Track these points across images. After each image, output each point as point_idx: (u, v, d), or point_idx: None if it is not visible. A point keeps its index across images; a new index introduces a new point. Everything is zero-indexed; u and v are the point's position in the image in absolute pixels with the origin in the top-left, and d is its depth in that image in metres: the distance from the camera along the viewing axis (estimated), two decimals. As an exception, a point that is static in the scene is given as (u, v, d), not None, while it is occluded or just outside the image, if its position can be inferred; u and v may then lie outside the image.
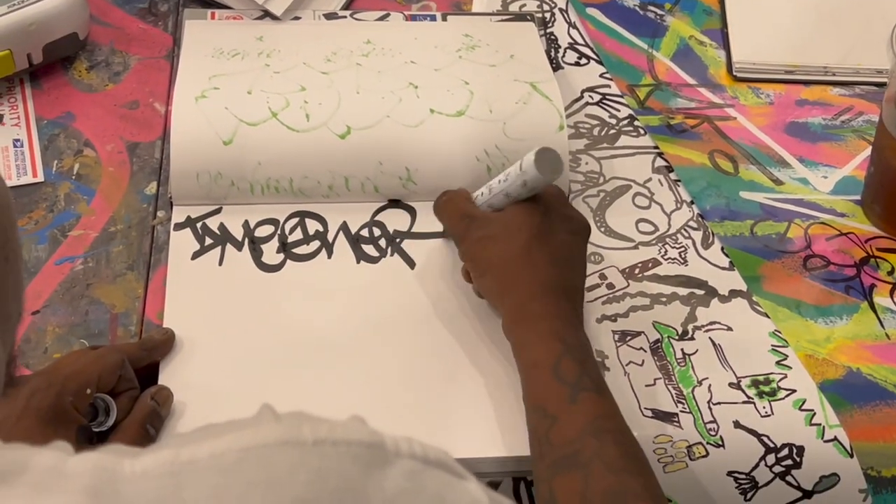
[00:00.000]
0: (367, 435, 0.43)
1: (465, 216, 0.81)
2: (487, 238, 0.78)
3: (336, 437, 0.42)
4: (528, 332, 0.75)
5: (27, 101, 0.97)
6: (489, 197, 0.81)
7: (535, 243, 0.77)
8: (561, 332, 0.74)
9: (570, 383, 0.71)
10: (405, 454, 0.43)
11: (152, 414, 0.75)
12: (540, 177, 0.76)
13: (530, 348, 0.74)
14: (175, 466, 0.41)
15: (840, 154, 0.99)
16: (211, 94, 0.90)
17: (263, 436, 0.41)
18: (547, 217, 0.78)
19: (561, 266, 0.78)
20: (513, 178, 0.78)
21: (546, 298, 0.76)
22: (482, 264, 0.79)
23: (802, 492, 0.80)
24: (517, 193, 0.78)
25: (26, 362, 0.81)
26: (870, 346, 0.86)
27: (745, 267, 0.90)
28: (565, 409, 0.70)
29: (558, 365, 0.72)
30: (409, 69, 0.95)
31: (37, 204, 0.90)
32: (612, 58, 1.05)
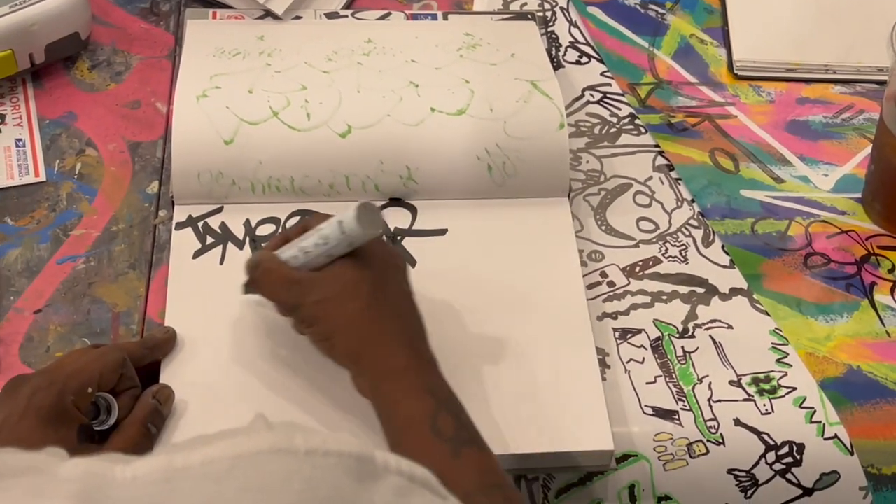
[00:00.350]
0: (358, 448, 0.43)
1: (293, 282, 0.74)
2: (326, 300, 0.73)
3: (328, 448, 0.42)
4: (395, 389, 0.71)
5: (29, 101, 0.97)
6: (307, 260, 0.74)
7: (376, 295, 0.73)
8: (431, 385, 0.70)
9: (450, 439, 0.68)
10: (393, 470, 0.43)
11: (154, 413, 0.75)
12: (365, 235, 0.72)
13: (401, 405, 0.70)
14: (168, 473, 0.41)
15: (841, 152, 0.99)
16: (212, 93, 0.91)
17: (256, 444, 0.42)
18: (376, 265, 0.74)
19: (406, 314, 0.74)
20: (335, 241, 0.73)
21: (404, 350, 0.72)
22: (326, 328, 0.73)
23: (803, 489, 0.80)
24: (341, 253, 0.74)
25: (28, 361, 0.81)
26: (870, 344, 0.86)
27: (745, 265, 0.90)
28: (449, 466, 0.66)
29: (435, 421, 0.68)
30: (409, 68, 0.95)
31: (39, 203, 0.91)
32: (613, 56, 1.06)
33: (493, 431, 0.77)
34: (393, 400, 0.71)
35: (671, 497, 0.79)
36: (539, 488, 0.79)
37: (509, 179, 0.90)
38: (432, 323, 0.82)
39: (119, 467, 0.41)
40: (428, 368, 0.72)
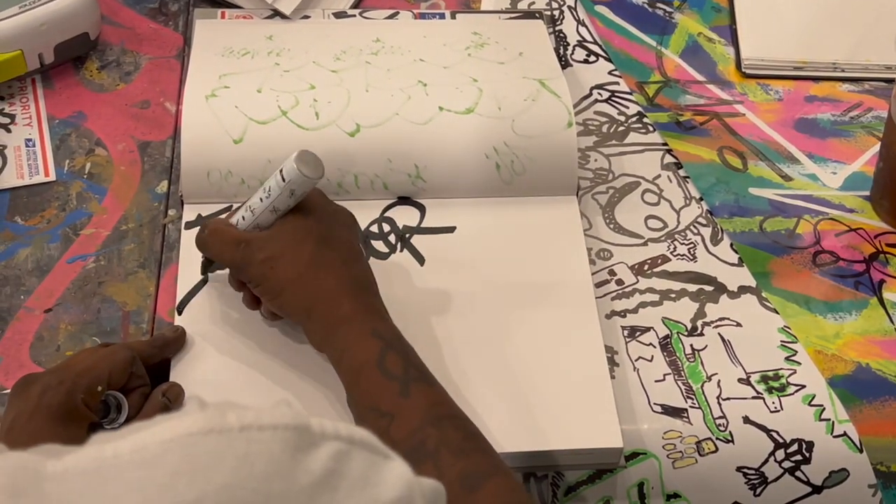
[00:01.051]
0: (293, 418, 0.42)
1: (239, 242, 0.76)
2: (272, 258, 0.75)
3: (262, 423, 0.42)
4: (345, 336, 0.73)
5: (39, 101, 0.98)
6: (254, 218, 0.77)
7: (321, 248, 0.75)
8: (378, 328, 0.73)
9: (398, 377, 0.71)
10: (331, 435, 0.43)
11: (163, 411, 0.75)
12: (307, 179, 0.74)
13: (351, 351, 0.73)
14: (98, 462, 0.40)
15: (849, 150, 0.99)
16: (221, 92, 0.91)
17: (187, 426, 0.41)
18: (321, 219, 0.77)
19: (351, 263, 0.77)
20: (277, 191, 0.75)
21: (351, 299, 0.74)
22: (276, 284, 0.76)
23: (812, 487, 0.80)
24: (285, 205, 0.75)
25: (39, 360, 0.81)
26: (879, 342, 0.86)
27: (754, 263, 0.90)
28: (399, 404, 0.70)
29: (383, 361, 0.71)
30: (418, 67, 0.96)
31: (49, 203, 0.91)
32: (621, 55, 1.06)
33: (502, 429, 0.77)
34: (342, 347, 0.74)
35: (680, 495, 0.80)
36: (548, 486, 0.79)
37: (517, 178, 0.90)
38: (441, 319, 0.83)
39: (51, 461, 0.41)
40: (374, 314, 0.74)
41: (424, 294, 0.85)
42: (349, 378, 0.73)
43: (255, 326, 0.82)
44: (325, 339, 0.75)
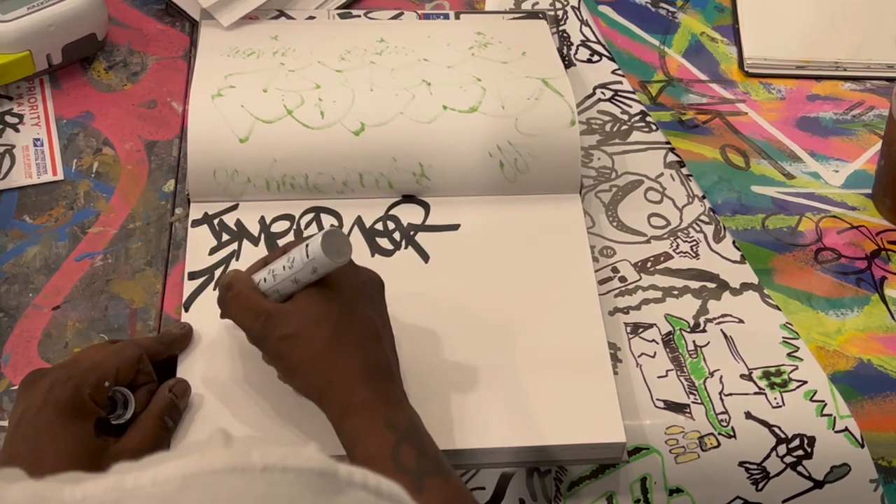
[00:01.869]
0: (320, 463, 0.42)
1: (260, 313, 0.74)
2: (290, 336, 0.73)
3: (286, 464, 0.41)
4: (357, 426, 0.71)
5: (47, 101, 0.99)
6: (276, 283, 0.75)
7: (340, 331, 0.73)
8: (391, 418, 0.70)
9: (412, 471, 0.68)
10: (358, 484, 0.42)
11: (170, 406, 0.76)
12: (329, 262, 0.72)
13: (363, 442, 0.70)
14: (117, 493, 0.40)
15: (851, 148, 0.99)
16: (227, 92, 0.92)
17: (210, 462, 0.41)
18: (344, 298, 0.74)
19: (370, 345, 0.74)
20: (300, 265, 0.73)
21: (365, 386, 0.71)
22: (290, 364, 0.74)
23: (813, 482, 0.80)
24: (307, 279, 0.73)
25: (47, 357, 0.82)
26: (881, 338, 0.86)
27: (756, 260, 0.90)
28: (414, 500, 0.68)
29: (396, 454, 0.68)
30: (422, 67, 0.96)
31: (57, 202, 0.92)
32: (624, 55, 1.06)
33: (506, 424, 0.78)
34: (355, 437, 0.71)
35: (683, 489, 0.80)
36: (551, 481, 0.80)
37: (521, 176, 0.91)
38: (446, 315, 0.84)
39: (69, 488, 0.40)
40: (388, 402, 0.72)
41: (429, 291, 0.85)
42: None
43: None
44: (337, 425, 0.72)
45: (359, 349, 0.73)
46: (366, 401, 0.71)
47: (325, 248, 0.71)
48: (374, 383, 0.72)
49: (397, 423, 0.70)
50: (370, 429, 0.70)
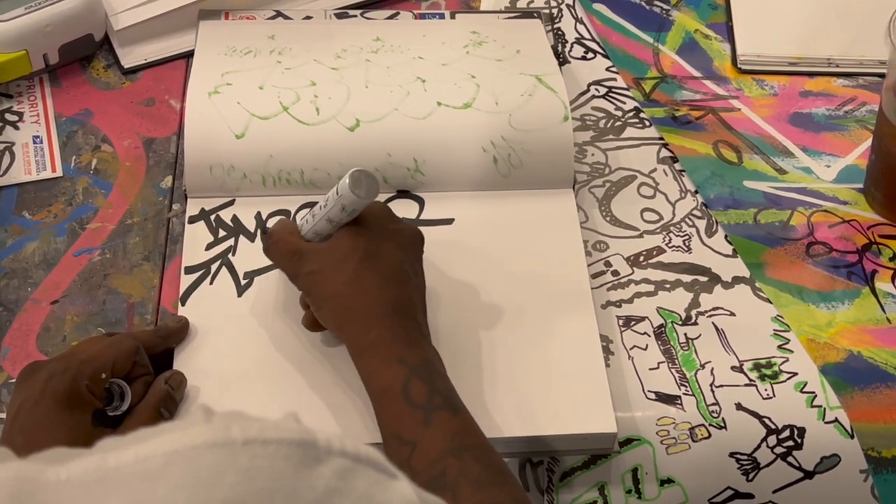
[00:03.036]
0: (299, 433, 0.42)
1: (294, 253, 0.78)
2: (317, 272, 0.77)
3: (266, 437, 0.41)
4: (372, 360, 0.74)
5: (46, 99, 1.00)
6: (314, 224, 0.79)
7: (363, 267, 0.75)
8: (403, 354, 0.73)
9: (421, 405, 0.70)
10: (336, 452, 0.42)
11: (166, 398, 0.77)
12: (356, 199, 0.75)
13: (376, 376, 0.73)
14: (100, 473, 0.40)
15: (843, 143, 1.00)
16: (224, 89, 0.93)
17: (190, 438, 0.41)
18: (372, 237, 0.77)
19: (394, 285, 0.76)
20: (332, 204, 0.77)
21: (383, 323, 0.74)
22: (317, 298, 0.77)
23: (804, 472, 0.81)
24: (339, 218, 0.77)
25: (45, 350, 0.83)
26: (871, 330, 0.87)
27: (748, 254, 0.91)
28: (421, 433, 0.70)
29: (407, 388, 0.71)
30: (417, 64, 0.97)
31: (56, 198, 0.93)
32: (619, 52, 1.07)
33: (499, 415, 0.79)
34: (369, 371, 0.74)
35: (674, 480, 0.81)
36: (544, 472, 0.81)
37: (515, 171, 0.92)
38: (440, 308, 0.84)
39: (52, 469, 0.40)
40: (402, 339, 0.74)
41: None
42: (374, 403, 0.73)
43: (256, 317, 0.84)
44: (354, 360, 0.75)
45: (380, 287, 0.75)
46: (380, 337, 0.74)
47: (353, 185, 0.75)
48: (392, 321, 0.75)
49: (409, 359, 0.73)
50: (383, 364, 0.73)
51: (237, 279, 0.86)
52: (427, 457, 0.69)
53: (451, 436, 0.70)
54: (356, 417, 0.78)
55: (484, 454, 0.70)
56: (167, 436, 0.41)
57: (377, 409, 0.73)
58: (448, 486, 0.67)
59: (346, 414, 0.79)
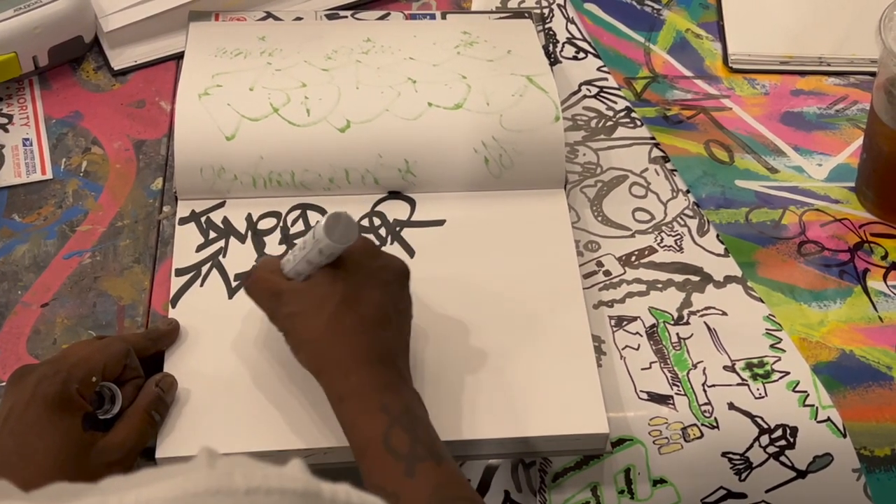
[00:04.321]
0: (303, 483, 0.42)
1: (273, 293, 0.76)
2: (295, 314, 0.75)
3: (270, 486, 0.41)
4: (351, 409, 0.72)
5: (36, 102, 1.00)
6: (294, 264, 0.76)
7: (341, 311, 0.73)
8: (385, 402, 0.71)
9: (403, 456, 0.69)
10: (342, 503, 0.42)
11: (157, 400, 0.76)
12: (332, 244, 0.73)
13: (358, 427, 0.71)
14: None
15: (834, 142, 1.00)
16: (214, 91, 0.93)
17: (192, 484, 0.40)
18: (352, 279, 0.75)
19: (374, 329, 0.74)
20: (310, 246, 0.74)
21: (361, 371, 0.72)
22: (295, 341, 0.75)
23: (796, 472, 0.81)
24: (318, 260, 0.75)
25: (36, 353, 0.83)
26: (863, 329, 0.87)
27: (739, 253, 0.91)
28: (404, 485, 0.68)
29: (388, 438, 0.69)
30: (407, 65, 0.97)
31: (46, 200, 0.93)
32: (610, 52, 1.07)
33: (491, 415, 0.78)
34: (350, 420, 0.72)
35: (666, 480, 0.81)
36: (536, 473, 0.81)
37: (506, 171, 0.92)
38: (432, 309, 0.84)
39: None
40: (383, 387, 0.72)
41: (415, 285, 0.85)
42: (356, 453, 0.71)
43: (247, 320, 0.84)
44: (334, 407, 0.73)
45: (358, 332, 0.73)
46: (361, 384, 0.72)
47: (328, 230, 0.72)
48: (372, 367, 0.72)
49: (391, 407, 0.71)
50: (363, 412, 0.71)
51: (228, 281, 0.86)
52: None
53: (434, 487, 0.68)
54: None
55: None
56: (169, 481, 0.40)
57: (359, 459, 0.71)
58: None
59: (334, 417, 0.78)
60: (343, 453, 0.77)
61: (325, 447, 0.77)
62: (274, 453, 0.76)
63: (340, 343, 0.73)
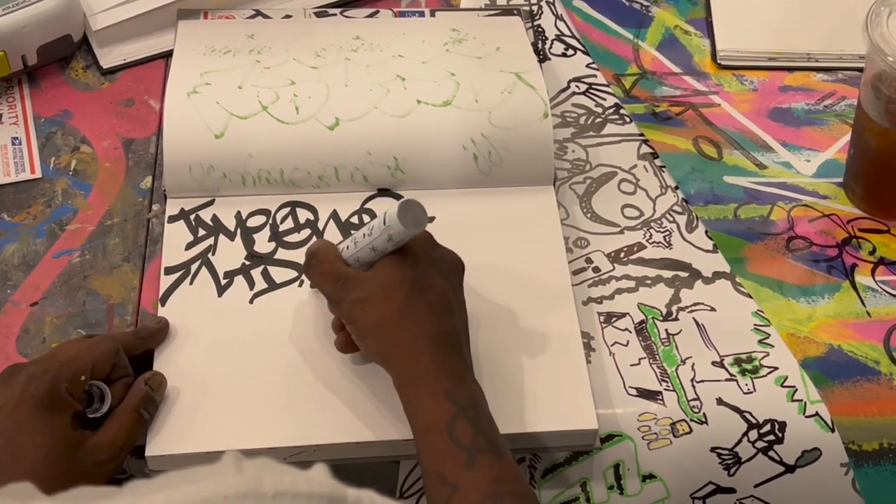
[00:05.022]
0: (329, 488, 0.42)
1: (339, 278, 0.77)
2: (364, 300, 0.75)
3: (297, 490, 0.41)
4: (418, 393, 0.72)
5: (25, 100, 0.99)
6: (356, 251, 0.77)
7: (411, 298, 0.74)
8: (451, 390, 0.72)
9: (466, 446, 0.69)
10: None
11: (146, 399, 0.76)
12: (405, 230, 0.74)
13: (422, 411, 0.72)
14: None
15: (823, 138, 1.00)
16: (203, 89, 0.93)
17: (222, 488, 0.41)
18: (419, 267, 0.76)
19: (441, 316, 0.75)
20: (377, 233, 0.75)
21: (431, 355, 0.73)
22: (362, 327, 0.76)
23: (785, 466, 0.81)
24: (383, 248, 0.76)
25: (25, 352, 0.83)
26: (851, 324, 0.87)
27: (728, 249, 0.91)
28: (464, 475, 0.68)
29: (452, 427, 0.70)
30: (396, 62, 0.97)
31: (35, 199, 0.93)
32: (599, 48, 1.07)
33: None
34: (415, 404, 0.73)
35: (655, 475, 0.81)
36: (526, 468, 0.81)
37: (495, 168, 0.92)
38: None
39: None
40: (451, 374, 0.73)
41: None
42: (417, 437, 0.72)
43: (236, 318, 0.84)
44: (399, 391, 0.74)
45: (429, 318, 0.74)
46: (429, 370, 0.73)
47: (401, 216, 0.73)
48: (441, 353, 0.73)
49: (457, 396, 0.71)
50: (430, 399, 0.72)
51: (217, 279, 0.86)
52: (467, 500, 0.67)
53: (492, 481, 0.68)
54: (335, 417, 0.78)
55: (524, 501, 0.68)
56: (198, 484, 0.41)
57: (420, 443, 0.71)
58: None
59: (326, 414, 0.78)
60: (332, 451, 0.77)
61: (314, 444, 0.77)
62: (263, 451, 0.76)
63: (410, 327, 0.74)
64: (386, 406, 0.79)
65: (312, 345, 0.82)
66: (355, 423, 0.78)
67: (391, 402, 0.78)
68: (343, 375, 0.80)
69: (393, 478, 0.81)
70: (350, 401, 0.79)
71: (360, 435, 0.77)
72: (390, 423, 0.78)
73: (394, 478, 0.81)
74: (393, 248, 0.76)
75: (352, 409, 0.79)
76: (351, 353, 0.81)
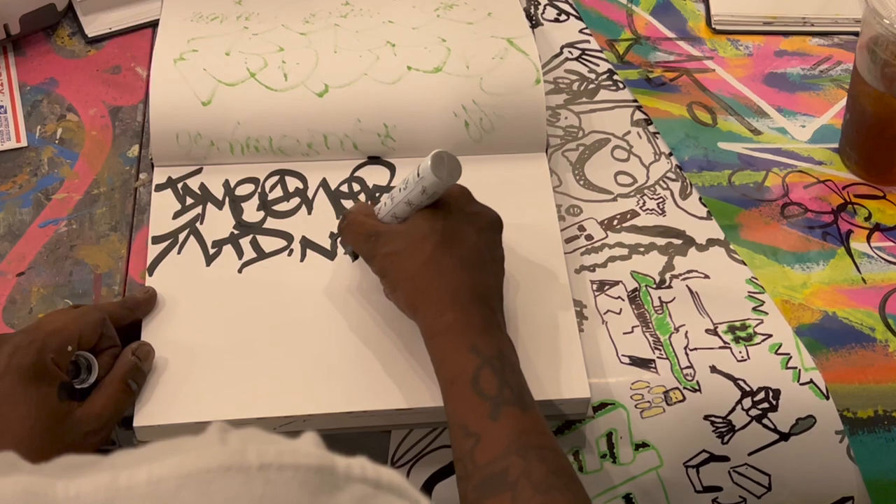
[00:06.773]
0: (317, 458, 0.41)
1: (371, 234, 0.77)
2: (394, 253, 0.75)
3: (283, 462, 0.41)
4: (444, 345, 0.72)
5: (10, 69, 0.98)
6: (392, 207, 0.77)
7: (440, 251, 0.74)
8: (477, 343, 0.71)
9: (490, 398, 0.69)
10: (356, 478, 0.42)
11: (133, 369, 0.76)
12: (438, 181, 0.74)
13: (447, 363, 0.72)
14: (110, 492, 0.40)
15: (818, 103, 0.99)
16: (189, 56, 0.91)
17: (206, 461, 0.40)
18: (451, 220, 0.76)
19: (471, 270, 0.75)
20: (412, 186, 0.75)
21: (458, 308, 0.73)
22: (392, 280, 0.76)
23: (779, 434, 0.81)
24: (418, 201, 0.76)
25: (12, 323, 0.82)
26: (846, 291, 0.86)
27: (722, 216, 0.90)
28: (488, 427, 0.68)
29: (477, 379, 0.70)
30: (386, 28, 0.96)
31: (21, 168, 0.91)
32: (592, 13, 1.06)
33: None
34: (440, 357, 0.72)
35: (648, 444, 0.80)
36: (518, 438, 0.80)
37: (487, 135, 0.91)
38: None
39: (62, 483, 0.40)
40: (476, 327, 0.72)
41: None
42: (443, 389, 0.71)
43: (224, 287, 0.83)
44: (427, 343, 0.74)
45: (457, 271, 0.74)
46: (455, 322, 0.72)
47: (434, 167, 0.73)
48: (468, 306, 0.73)
49: (482, 348, 0.71)
50: (454, 351, 0.72)
51: (205, 248, 0.85)
52: (490, 452, 0.67)
53: (517, 433, 0.67)
54: (325, 387, 0.77)
55: (549, 455, 0.67)
56: (181, 457, 0.40)
57: (445, 395, 0.71)
58: (508, 485, 0.65)
59: (313, 384, 0.78)
60: (322, 421, 0.76)
61: (304, 415, 0.76)
62: (252, 421, 0.76)
63: (438, 280, 0.74)
64: (376, 376, 0.78)
65: (302, 314, 0.81)
66: (345, 392, 0.77)
67: (382, 372, 0.78)
68: (333, 345, 0.80)
69: (384, 447, 0.80)
70: (340, 371, 0.78)
71: (349, 405, 0.77)
72: (381, 393, 0.77)
73: (385, 447, 0.80)
74: (428, 202, 0.76)
75: (342, 379, 0.78)
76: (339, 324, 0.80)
